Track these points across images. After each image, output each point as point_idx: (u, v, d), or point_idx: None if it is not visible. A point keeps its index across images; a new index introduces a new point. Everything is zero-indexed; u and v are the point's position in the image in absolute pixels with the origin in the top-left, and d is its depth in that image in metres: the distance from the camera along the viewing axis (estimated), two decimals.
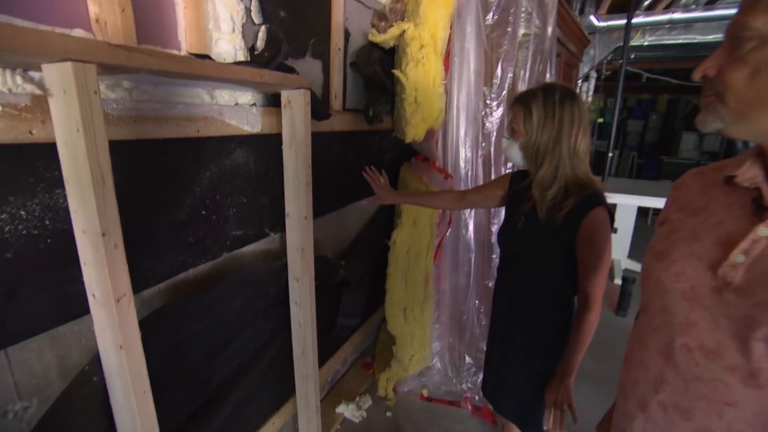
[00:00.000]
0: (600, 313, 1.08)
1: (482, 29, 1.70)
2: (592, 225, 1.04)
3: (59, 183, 0.71)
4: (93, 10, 0.78)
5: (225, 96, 1.04)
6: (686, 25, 3.86)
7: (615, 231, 3.76)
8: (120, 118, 0.80)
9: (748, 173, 0.53)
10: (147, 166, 0.87)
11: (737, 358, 0.49)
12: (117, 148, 0.76)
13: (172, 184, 0.93)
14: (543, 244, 1.14)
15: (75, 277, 0.75)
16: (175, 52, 0.96)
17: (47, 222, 0.73)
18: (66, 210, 0.73)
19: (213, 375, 1.07)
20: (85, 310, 0.78)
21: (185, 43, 0.98)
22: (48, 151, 0.69)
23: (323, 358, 1.61)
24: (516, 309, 1.24)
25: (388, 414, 1.84)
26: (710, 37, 3.80)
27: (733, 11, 0.49)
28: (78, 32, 0.77)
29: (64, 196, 0.73)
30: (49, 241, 0.73)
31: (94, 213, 0.65)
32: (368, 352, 2.18)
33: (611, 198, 3.45)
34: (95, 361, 0.79)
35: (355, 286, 1.75)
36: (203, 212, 1.01)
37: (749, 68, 0.46)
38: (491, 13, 1.69)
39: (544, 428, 1.09)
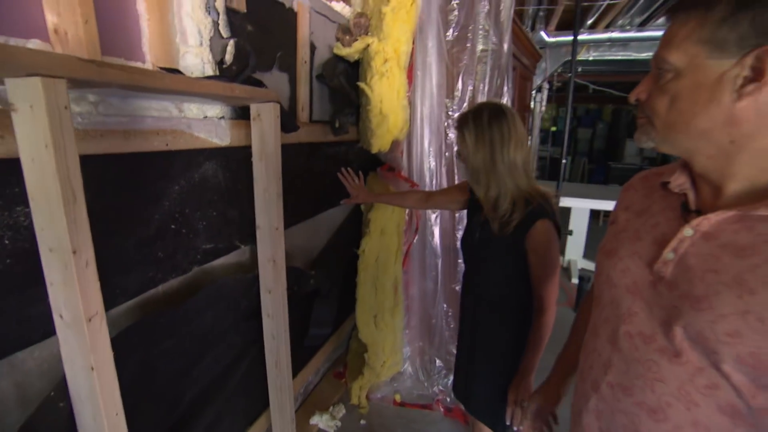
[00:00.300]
0: (554, 314, 1.16)
1: (443, 44, 1.78)
2: (538, 236, 1.11)
3: (20, 200, 0.69)
4: (51, 19, 0.76)
5: (193, 109, 1.03)
6: (623, 43, 4.26)
7: (571, 233, 3.99)
8: (86, 132, 0.78)
9: (678, 180, 0.60)
10: (114, 181, 0.85)
11: (665, 341, 0.56)
12: (83, 163, 0.74)
13: (141, 199, 0.92)
14: (497, 254, 1.20)
15: (37, 298, 0.72)
16: (139, 64, 0.95)
17: (6, 242, 0.70)
18: (27, 228, 0.70)
19: (185, 392, 1.04)
20: (49, 332, 0.75)
21: (150, 55, 0.97)
22: (7, 167, 0.66)
23: (296, 369, 1.59)
24: (479, 314, 1.31)
25: (363, 422, 1.85)
26: (644, 55, 4.19)
27: (660, 33, 0.57)
28: (35, 43, 0.74)
29: (26, 214, 0.71)
30: (7, 261, 0.70)
31: (64, 230, 0.63)
32: (340, 361, 2.18)
33: (566, 202, 3.66)
34: (61, 387, 0.75)
35: (325, 295, 1.76)
36: (173, 226, 1.00)
37: (669, 97, 0.52)
38: (451, 30, 1.78)
39: (507, 424, 1.16)
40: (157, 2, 0.95)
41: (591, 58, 4.65)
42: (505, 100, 1.95)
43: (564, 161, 3.33)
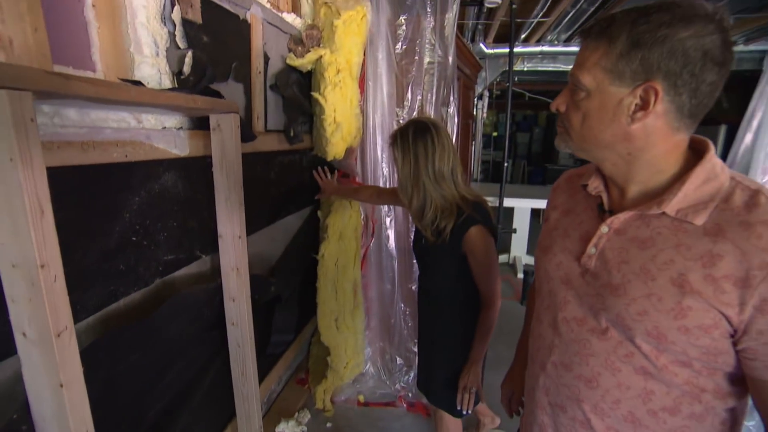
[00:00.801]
0: (498, 309, 1.27)
1: (393, 57, 1.88)
2: (473, 242, 1.21)
3: None
4: None
5: (151, 120, 1.03)
6: (553, 56, 4.69)
7: (515, 231, 4.25)
8: (42, 145, 0.76)
9: (594, 183, 0.70)
10: (72, 194, 0.84)
11: (594, 322, 0.66)
12: None
13: (100, 212, 0.90)
14: (440, 258, 1.29)
15: None
16: (89, 73, 0.93)
17: None
18: None
19: (151, 407, 1.03)
20: (7, 352, 0.72)
21: (101, 64, 0.96)
22: None
23: (259, 377, 1.59)
24: (432, 311, 1.41)
25: (329, 425, 1.87)
26: (570, 67, 4.63)
27: None
28: None
29: None
30: None
31: (30, 245, 0.63)
32: (301, 368, 2.19)
33: (509, 203, 3.90)
34: (24, 408, 0.73)
35: (286, 301, 1.77)
36: (134, 238, 0.98)
37: (582, 113, 0.60)
38: (400, 43, 1.88)
39: (458, 409, 1.27)
40: (108, 10, 0.94)
41: (526, 69, 5.04)
42: (452, 108, 2.08)
43: (506, 164, 3.56)
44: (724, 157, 1.94)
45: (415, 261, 2.25)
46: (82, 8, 0.91)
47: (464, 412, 1.29)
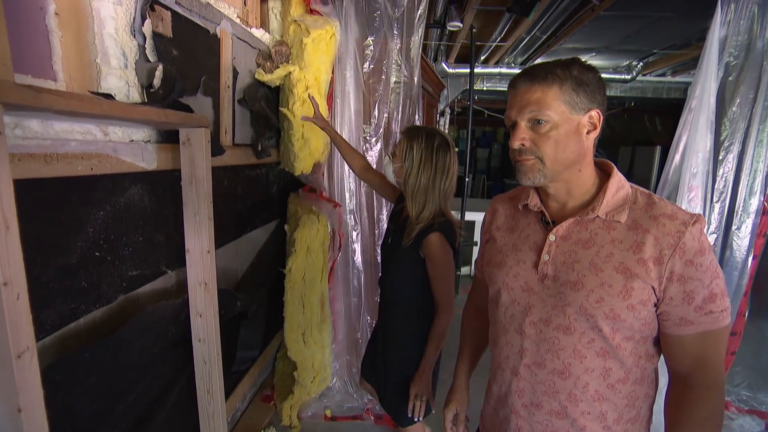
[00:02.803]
0: (451, 317, 1.30)
1: (360, 75, 1.94)
2: (432, 246, 1.25)
3: None
4: None
5: (119, 133, 1.01)
6: (510, 77, 4.94)
7: (476, 243, 4.40)
8: None
9: (533, 201, 0.81)
10: (34, 208, 0.81)
11: (560, 320, 0.75)
12: None
13: (63, 226, 0.87)
14: (403, 260, 1.33)
15: None
16: (50, 82, 0.91)
17: None
18: None
19: (114, 428, 0.98)
20: None
21: (63, 73, 0.93)
22: None
23: (225, 395, 1.55)
24: (388, 315, 1.43)
25: None
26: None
27: None
28: None
29: None
30: None
31: None
32: (266, 384, 2.14)
33: (471, 216, 4.04)
34: None
35: (252, 316, 1.74)
36: (97, 254, 0.95)
37: (553, 140, 0.71)
38: (367, 63, 1.94)
39: (409, 416, 1.28)
40: (73, 20, 0.92)
41: (485, 88, 5.30)
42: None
43: (467, 179, 3.69)
44: (659, 173, 2.18)
45: (380, 274, 2.29)
46: (44, 16, 0.89)
47: (415, 420, 1.29)
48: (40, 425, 0.70)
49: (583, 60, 0.73)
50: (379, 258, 2.19)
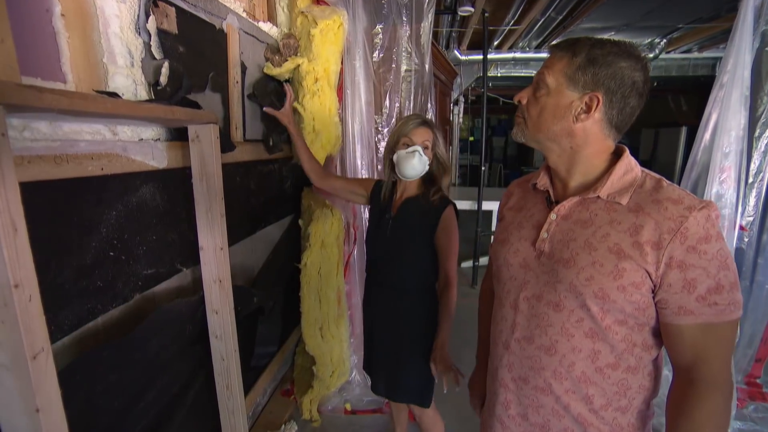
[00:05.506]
0: (457, 288, 1.37)
1: (370, 65, 1.90)
2: (451, 218, 1.38)
3: None
4: None
5: (127, 132, 1.01)
6: (525, 62, 4.83)
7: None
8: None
9: (542, 181, 0.83)
10: (46, 209, 0.81)
11: (551, 296, 0.76)
12: None
13: (76, 227, 0.87)
14: (411, 243, 1.40)
15: None
16: (60, 84, 0.91)
17: None
18: None
19: (133, 426, 0.99)
20: None
21: (72, 75, 0.93)
22: None
23: (244, 391, 1.56)
24: (394, 305, 1.44)
25: None
26: None
27: None
28: None
29: None
30: None
31: (2, 264, 0.60)
32: (286, 379, 2.16)
33: (487, 206, 3.97)
34: None
35: (269, 312, 1.75)
36: (111, 254, 0.96)
37: (539, 106, 0.73)
38: (377, 52, 1.90)
39: (444, 393, 1.27)
40: (79, 20, 0.92)
41: (499, 74, 5.17)
42: (429, 115, 2.11)
43: (483, 168, 3.62)
44: (686, 156, 2.08)
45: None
46: (50, 18, 0.88)
47: (456, 390, 1.27)
48: (58, 424, 0.71)
49: (622, 45, 0.69)
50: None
